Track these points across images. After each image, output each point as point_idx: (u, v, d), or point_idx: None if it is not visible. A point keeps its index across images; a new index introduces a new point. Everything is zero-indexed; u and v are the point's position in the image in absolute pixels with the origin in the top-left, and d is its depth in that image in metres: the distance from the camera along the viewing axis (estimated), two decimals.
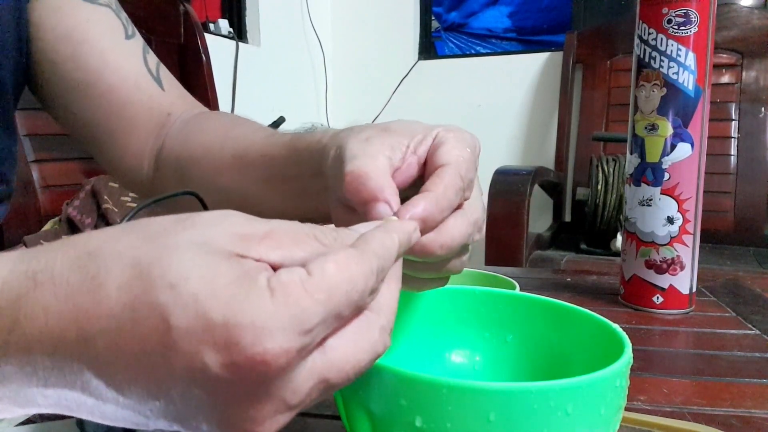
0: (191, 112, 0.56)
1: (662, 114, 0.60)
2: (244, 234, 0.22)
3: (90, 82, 0.52)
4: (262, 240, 0.22)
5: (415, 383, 0.25)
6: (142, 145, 0.55)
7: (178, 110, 0.55)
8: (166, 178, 0.54)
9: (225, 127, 0.50)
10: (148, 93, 0.54)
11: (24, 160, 1.14)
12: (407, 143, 0.32)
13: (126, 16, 0.56)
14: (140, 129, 0.54)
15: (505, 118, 2.32)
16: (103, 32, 0.53)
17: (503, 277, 0.53)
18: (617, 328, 0.30)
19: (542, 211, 2.14)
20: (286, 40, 2.25)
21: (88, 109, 0.53)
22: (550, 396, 0.24)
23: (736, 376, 0.46)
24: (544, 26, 2.48)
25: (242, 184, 0.46)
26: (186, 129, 0.53)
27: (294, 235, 0.23)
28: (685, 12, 0.58)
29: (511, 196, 1.48)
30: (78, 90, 0.53)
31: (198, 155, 0.50)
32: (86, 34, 0.52)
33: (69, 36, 0.51)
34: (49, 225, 1.12)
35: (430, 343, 0.37)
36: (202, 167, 0.49)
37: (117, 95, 0.53)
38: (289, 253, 0.22)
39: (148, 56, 0.55)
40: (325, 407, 0.38)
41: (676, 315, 0.62)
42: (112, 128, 0.54)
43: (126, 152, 0.55)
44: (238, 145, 0.47)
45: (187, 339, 0.20)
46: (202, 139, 0.50)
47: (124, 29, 0.55)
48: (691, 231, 0.61)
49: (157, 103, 0.55)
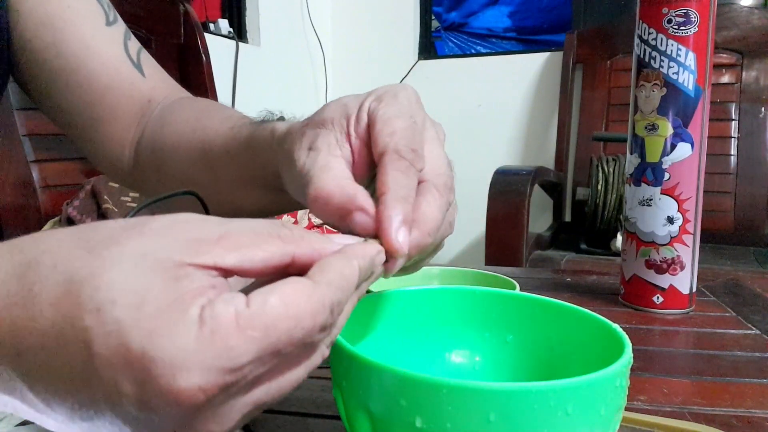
0: (172, 98, 0.55)
1: (662, 114, 0.60)
2: (197, 239, 0.21)
3: (71, 69, 0.52)
4: (218, 242, 0.21)
5: (415, 383, 0.25)
6: (123, 132, 0.54)
7: (159, 96, 0.54)
8: (145, 166, 0.53)
9: (197, 117, 0.49)
10: (129, 79, 0.53)
11: (24, 160, 1.14)
12: (346, 129, 0.30)
13: (108, 2, 0.55)
14: (121, 116, 0.53)
15: (505, 118, 2.32)
16: (84, 18, 0.52)
17: (503, 277, 0.53)
18: (617, 328, 0.30)
19: (542, 211, 2.14)
20: (286, 39, 2.25)
21: (69, 96, 0.53)
22: (550, 396, 0.24)
23: (736, 376, 0.46)
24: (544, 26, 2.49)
25: (212, 179, 0.45)
26: (163, 116, 0.52)
27: (253, 235, 0.22)
28: (685, 12, 0.58)
29: (511, 196, 1.48)
30: (59, 77, 0.52)
31: (171, 145, 0.49)
32: (67, 20, 0.51)
33: (50, 22, 0.51)
34: (49, 225, 1.12)
35: (430, 343, 0.37)
36: (175, 159, 0.48)
37: (97, 82, 0.52)
38: (247, 255, 0.21)
39: (129, 42, 0.55)
40: (325, 407, 0.38)
41: (676, 315, 0.62)
42: (93, 115, 0.53)
43: (108, 140, 0.54)
44: (205, 138, 0.45)
45: (107, 367, 0.19)
46: (176, 128, 0.49)
47: (105, 15, 0.54)
48: (691, 231, 0.61)
49: (138, 89, 0.54)
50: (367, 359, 0.26)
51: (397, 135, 0.29)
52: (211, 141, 0.45)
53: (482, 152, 2.26)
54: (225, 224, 0.22)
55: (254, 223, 0.23)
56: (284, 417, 0.37)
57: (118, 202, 1.14)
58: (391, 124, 0.29)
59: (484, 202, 1.49)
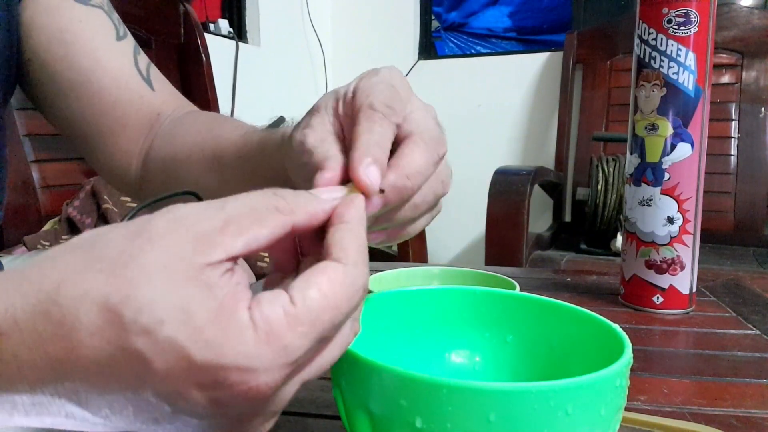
0: (181, 111, 0.55)
1: (662, 114, 0.60)
2: (203, 233, 0.21)
3: (81, 83, 0.52)
4: (222, 231, 0.22)
5: (415, 383, 0.25)
6: (131, 145, 0.55)
7: (167, 110, 0.55)
8: (153, 178, 0.54)
9: (207, 127, 0.50)
10: (138, 93, 0.54)
11: (24, 160, 1.14)
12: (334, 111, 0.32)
13: (117, 17, 0.56)
14: (130, 129, 0.54)
15: (505, 118, 2.32)
16: (95, 33, 0.53)
17: (503, 277, 0.53)
18: (617, 328, 0.30)
19: (542, 211, 2.14)
20: (286, 40, 2.25)
21: (78, 108, 0.53)
22: (550, 396, 0.24)
23: (736, 376, 0.46)
24: (544, 26, 2.49)
25: (223, 185, 0.46)
26: (172, 129, 0.53)
27: (253, 213, 0.23)
28: (685, 12, 0.58)
29: (511, 196, 1.48)
30: (69, 90, 0.53)
31: (182, 156, 0.50)
32: (78, 34, 0.52)
33: (61, 37, 0.52)
34: (49, 225, 1.12)
35: (430, 343, 0.37)
36: (186, 168, 0.49)
37: (107, 95, 0.53)
38: (253, 237, 0.22)
39: (138, 57, 0.55)
40: (325, 407, 0.38)
41: (676, 315, 0.62)
42: (102, 128, 0.54)
43: (115, 152, 0.55)
44: (217, 146, 0.46)
45: (170, 380, 0.20)
46: (185, 140, 0.50)
47: (116, 30, 0.55)
48: (691, 231, 0.61)
49: (147, 103, 0.54)
50: (367, 359, 0.26)
51: (372, 95, 0.30)
52: (224, 149, 0.46)
53: (482, 152, 2.25)
54: (223, 208, 0.22)
55: (250, 200, 0.23)
56: (284, 417, 0.37)
57: (118, 202, 1.14)
58: (368, 89, 0.31)
59: (484, 202, 1.49)
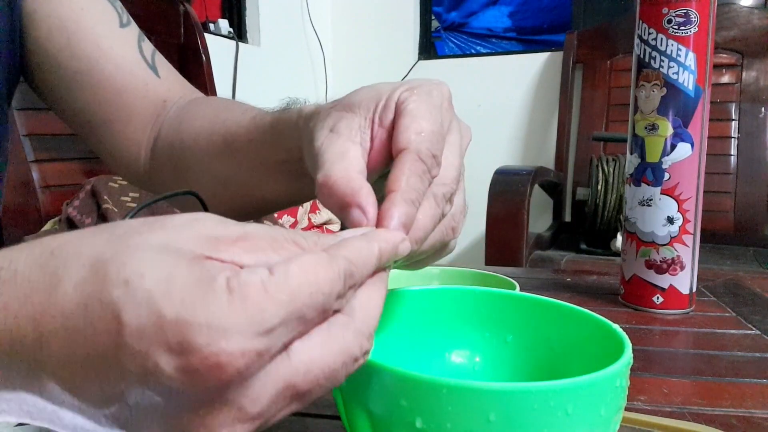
0: (187, 98, 0.55)
1: (662, 114, 0.60)
2: (215, 236, 0.21)
3: (85, 71, 0.52)
4: (235, 242, 0.21)
5: (415, 383, 0.25)
6: (139, 133, 0.54)
7: (174, 97, 0.54)
8: (162, 166, 0.53)
9: (215, 112, 0.49)
10: (143, 80, 0.53)
11: (24, 160, 1.14)
12: (372, 115, 0.30)
13: (120, 5, 0.55)
14: (136, 117, 0.53)
15: (505, 118, 2.33)
16: (98, 21, 0.52)
17: (503, 277, 0.53)
18: (617, 328, 0.30)
19: (542, 211, 2.14)
20: (286, 40, 2.25)
21: (83, 98, 0.53)
22: (550, 396, 0.24)
23: (736, 376, 0.46)
24: (544, 26, 2.49)
25: (234, 171, 0.45)
26: (180, 116, 0.52)
27: (271, 239, 0.22)
28: (685, 12, 0.58)
29: (511, 196, 1.48)
30: (73, 79, 0.52)
31: (190, 142, 0.49)
32: (80, 23, 0.51)
33: (63, 25, 0.51)
34: (49, 225, 1.12)
35: (430, 343, 0.37)
36: (195, 154, 0.49)
37: (112, 83, 0.52)
38: (264, 257, 0.21)
39: (143, 44, 0.55)
40: (325, 407, 0.38)
41: (676, 315, 0.62)
42: (108, 117, 0.53)
43: (123, 141, 0.54)
44: (227, 131, 0.46)
45: (138, 338, 0.19)
46: (194, 125, 0.50)
47: (119, 17, 0.54)
48: (691, 231, 0.61)
49: (153, 90, 0.54)
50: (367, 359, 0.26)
51: (422, 136, 0.28)
52: (234, 133, 0.45)
53: (482, 152, 2.25)
54: (243, 227, 0.22)
55: (271, 228, 0.23)
56: None
57: (118, 202, 1.14)
58: (418, 122, 0.29)
59: (484, 202, 1.49)
